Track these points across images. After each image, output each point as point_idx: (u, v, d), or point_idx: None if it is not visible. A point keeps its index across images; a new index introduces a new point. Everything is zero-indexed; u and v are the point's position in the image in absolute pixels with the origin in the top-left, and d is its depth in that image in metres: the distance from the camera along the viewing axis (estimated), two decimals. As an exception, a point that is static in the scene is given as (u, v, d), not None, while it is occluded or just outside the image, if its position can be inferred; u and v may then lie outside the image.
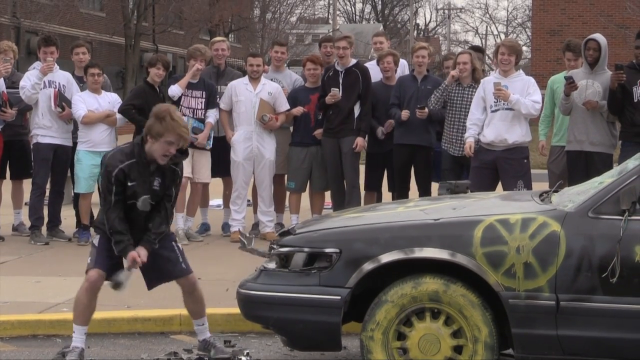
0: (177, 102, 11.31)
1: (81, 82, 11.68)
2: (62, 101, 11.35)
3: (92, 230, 7.17)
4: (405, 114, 11.28)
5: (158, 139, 6.74)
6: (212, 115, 11.64)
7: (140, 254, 6.83)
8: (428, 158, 11.49)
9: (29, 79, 11.28)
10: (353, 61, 11.71)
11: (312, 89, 11.88)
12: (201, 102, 11.54)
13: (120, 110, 11.33)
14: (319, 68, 11.84)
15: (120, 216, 6.83)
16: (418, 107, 11.19)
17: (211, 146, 11.70)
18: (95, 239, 7.07)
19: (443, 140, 11.07)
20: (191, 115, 11.41)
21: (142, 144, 6.84)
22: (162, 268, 7.05)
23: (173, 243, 7.13)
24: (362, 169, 11.97)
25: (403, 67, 12.44)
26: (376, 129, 11.67)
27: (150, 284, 7.20)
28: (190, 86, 11.53)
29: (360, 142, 11.50)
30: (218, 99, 11.76)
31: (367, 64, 12.34)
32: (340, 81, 11.53)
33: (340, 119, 11.52)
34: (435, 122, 11.31)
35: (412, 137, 11.37)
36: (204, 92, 11.60)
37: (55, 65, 11.45)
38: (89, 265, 6.97)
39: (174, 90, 11.41)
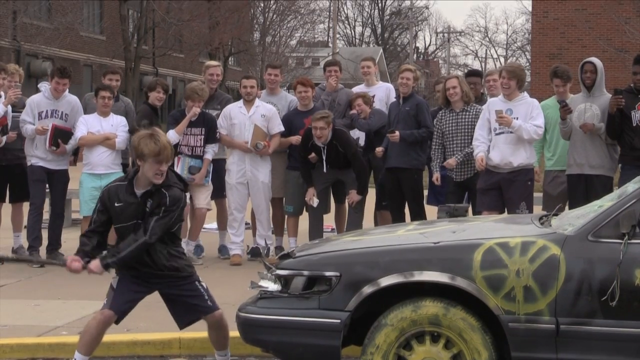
0: (175, 144, 11.10)
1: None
2: (58, 138, 11.31)
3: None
4: (378, 152, 11.52)
5: (146, 159, 6.76)
6: (210, 151, 11.49)
7: (91, 265, 6.81)
8: (413, 180, 11.44)
9: (27, 115, 11.31)
10: (330, 134, 11.36)
11: (306, 112, 11.83)
12: (200, 139, 11.40)
13: (131, 131, 11.17)
14: (309, 90, 11.82)
15: (92, 228, 6.93)
16: (388, 132, 11.27)
17: (209, 182, 11.61)
18: (114, 280, 6.98)
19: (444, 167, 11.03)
20: (189, 154, 11.33)
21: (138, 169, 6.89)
22: (190, 307, 7.01)
23: (197, 283, 7.03)
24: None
25: (388, 91, 12.49)
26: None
27: (182, 324, 7.14)
28: (188, 124, 11.35)
29: (354, 197, 11.44)
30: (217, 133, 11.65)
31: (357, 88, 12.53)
32: (324, 157, 11.44)
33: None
34: (418, 144, 11.35)
35: (392, 160, 11.42)
36: (203, 129, 11.44)
37: (66, 92, 11.42)
38: (104, 305, 6.90)
39: (172, 137, 11.02)
